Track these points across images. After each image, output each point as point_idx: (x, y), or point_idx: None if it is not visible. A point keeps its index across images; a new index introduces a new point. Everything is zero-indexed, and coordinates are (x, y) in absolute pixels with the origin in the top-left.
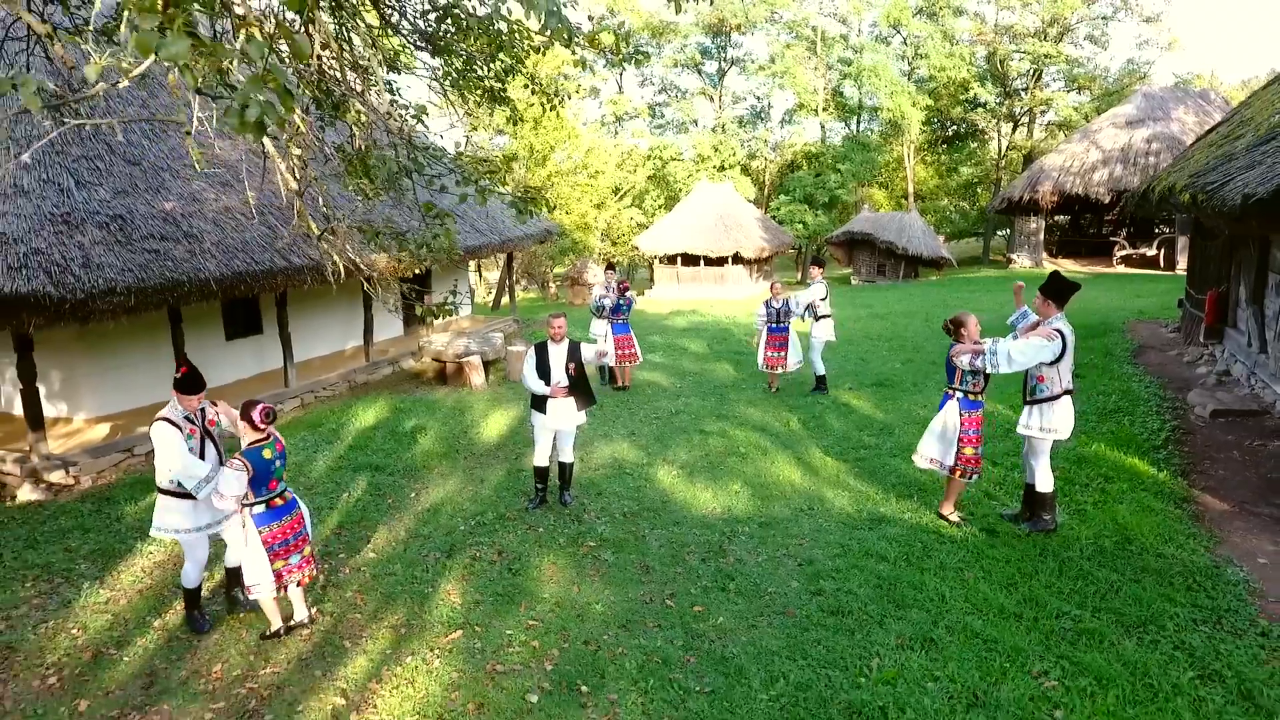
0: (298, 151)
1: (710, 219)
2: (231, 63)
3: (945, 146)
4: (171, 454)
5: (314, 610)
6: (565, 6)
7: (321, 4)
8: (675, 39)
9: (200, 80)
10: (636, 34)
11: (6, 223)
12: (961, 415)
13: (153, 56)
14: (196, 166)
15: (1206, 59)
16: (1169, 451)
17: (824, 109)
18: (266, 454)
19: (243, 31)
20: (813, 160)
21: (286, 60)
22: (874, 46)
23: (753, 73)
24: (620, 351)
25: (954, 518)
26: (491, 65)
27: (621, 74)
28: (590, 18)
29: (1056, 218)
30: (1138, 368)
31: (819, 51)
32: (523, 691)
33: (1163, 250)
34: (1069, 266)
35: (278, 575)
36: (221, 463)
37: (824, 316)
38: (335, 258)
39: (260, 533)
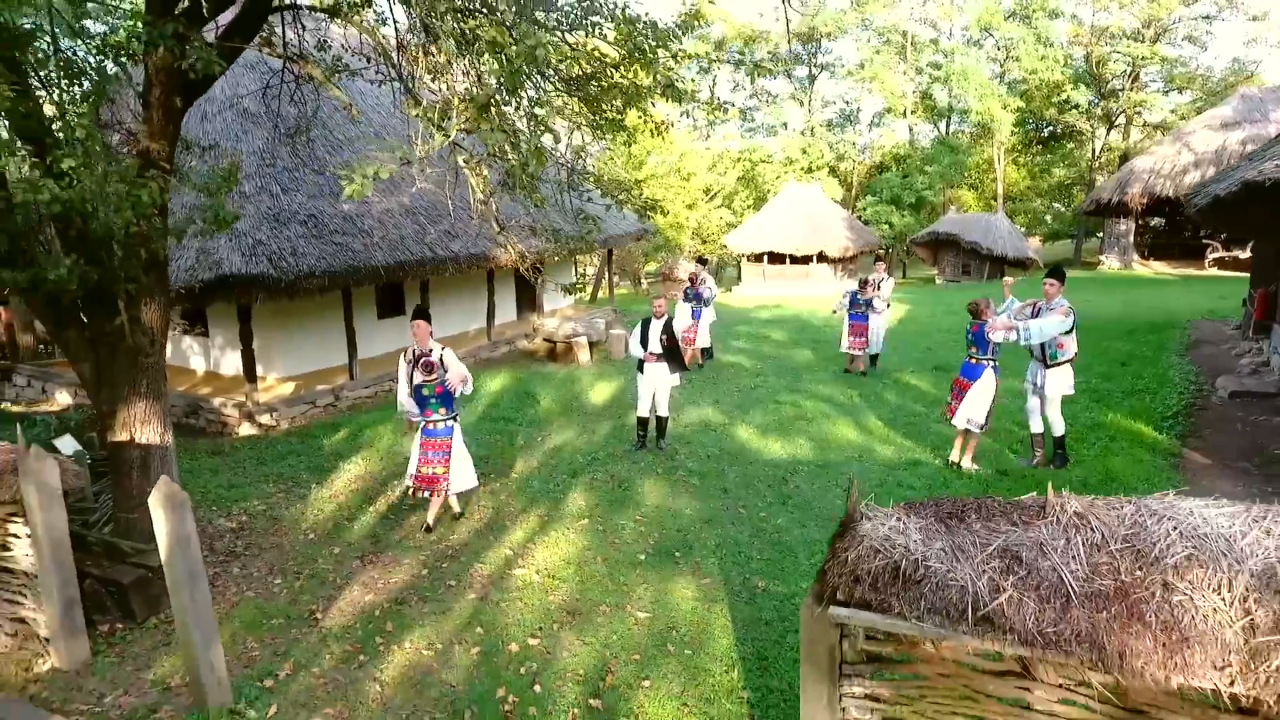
0: (485, 172)
1: (797, 219)
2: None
3: (1039, 148)
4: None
5: (433, 519)
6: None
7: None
8: (767, 46)
9: (491, 149)
10: (729, 42)
11: (238, 221)
12: (995, 379)
13: (446, 138)
14: (419, 181)
15: None
16: (1176, 421)
17: (912, 112)
18: (425, 391)
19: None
20: (900, 162)
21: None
22: (964, 50)
23: (842, 77)
24: (688, 335)
25: (975, 466)
26: (615, 103)
27: (714, 80)
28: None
29: (1151, 220)
30: (1184, 359)
31: (908, 56)
32: (634, 554)
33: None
34: (1160, 269)
35: (427, 479)
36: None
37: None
38: (509, 248)
39: (419, 440)
